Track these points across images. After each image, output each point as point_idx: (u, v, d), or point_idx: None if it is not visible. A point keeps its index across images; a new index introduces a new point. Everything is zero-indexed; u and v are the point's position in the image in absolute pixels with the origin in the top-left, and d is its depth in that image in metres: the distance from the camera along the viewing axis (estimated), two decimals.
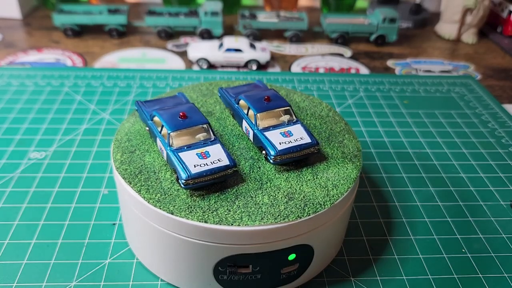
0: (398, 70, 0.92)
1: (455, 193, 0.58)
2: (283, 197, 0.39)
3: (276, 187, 0.40)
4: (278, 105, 0.44)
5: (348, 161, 0.44)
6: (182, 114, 0.42)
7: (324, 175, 0.42)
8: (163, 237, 0.40)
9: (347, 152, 0.45)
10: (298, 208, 0.38)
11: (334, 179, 0.42)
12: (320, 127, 0.48)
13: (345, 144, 0.46)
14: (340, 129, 0.48)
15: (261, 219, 0.37)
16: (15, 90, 0.75)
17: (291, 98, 0.52)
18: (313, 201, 0.39)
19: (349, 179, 0.42)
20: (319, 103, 0.52)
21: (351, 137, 0.47)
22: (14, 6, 1.06)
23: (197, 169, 0.38)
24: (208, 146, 0.41)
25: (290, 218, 0.38)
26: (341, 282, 0.45)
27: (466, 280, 0.46)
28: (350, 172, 0.42)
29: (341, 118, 0.50)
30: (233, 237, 0.37)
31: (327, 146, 0.45)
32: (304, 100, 0.52)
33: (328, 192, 0.40)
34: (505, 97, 0.83)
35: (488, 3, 1.02)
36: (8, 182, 0.55)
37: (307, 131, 0.43)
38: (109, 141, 0.63)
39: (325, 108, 0.52)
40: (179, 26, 1.00)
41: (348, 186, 0.41)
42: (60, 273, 0.45)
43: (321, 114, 0.50)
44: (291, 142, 0.41)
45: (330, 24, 1.00)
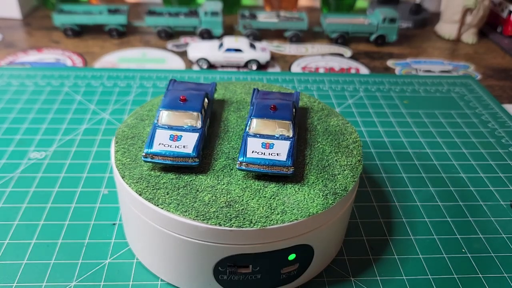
0: (398, 70, 0.92)
1: (455, 193, 0.58)
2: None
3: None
4: (278, 116, 0.43)
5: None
6: (182, 98, 0.44)
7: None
8: (163, 237, 0.40)
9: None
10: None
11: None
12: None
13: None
14: (342, 130, 0.48)
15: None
16: (15, 90, 0.75)
17: (325, 120, 0.49)
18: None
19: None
20: (348, 132, 0.48)
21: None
22: (14, 6, 1.06)
23: (159, 147, 0.40)
24: (187, 132, 0.42)
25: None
26: (341, 282, 0.45)
27: (466, 280, 0.46)
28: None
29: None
30: (233, 237, 0.37)
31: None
32: (339, 124, 0.49)
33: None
34: (505, 97, 0.83)
35: (488, 3, 1.02)
36: (8, 182, 0.55)
37: (290, 151, 0.41)
38: (109, 141, 0.63)
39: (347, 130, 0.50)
40: (179, 26, 1.00)
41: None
42: (60, 273, 0.45)
43: (335, 130, 0.49)
44: (264, 154, 0.40)
45: (330, 24, 1.00)
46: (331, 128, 0.48)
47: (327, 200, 0.39)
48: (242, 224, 0.37)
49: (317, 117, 0.50)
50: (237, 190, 0.40)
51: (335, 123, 0.49)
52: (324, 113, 0.51)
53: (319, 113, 0.51)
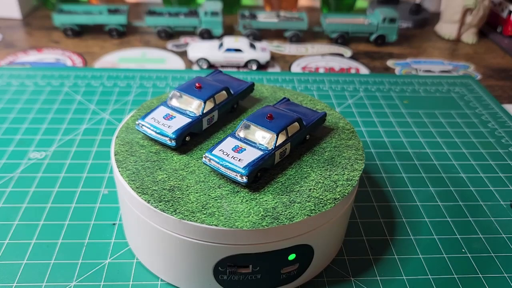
0: (398, 70, 0.92)
1: (455, 193, 0.58)
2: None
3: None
4: (268, 126, 0.42)
5: (347, 140, 0.44)
6: (198, 85, 0.46)
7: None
8: (163, 237, 0.40)
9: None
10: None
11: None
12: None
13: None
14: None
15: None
16: (15, 90, 0.75)
17: (339, 150, 0.46)
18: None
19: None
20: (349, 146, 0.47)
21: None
22: (14, 6, 1.06)
23: (149, 120, 0.44)
24: (181, 115, 0.45)
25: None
26: (341, 282, 0.45)
27: (466, 280, 0.46)
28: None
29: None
30: (233, 237, 0.38)
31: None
32: (350, 157, 0.45)
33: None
34: (505, 97, 0.83)
35: (488, 3, 1.02)
36: (8, 182, 0.55)
37: (254, 161, 0.40)
38: (109, 141, 0.63)
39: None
40: (179, 26, 1.00)
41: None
42: (60, 273, 0.45)
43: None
44: (227, 157, 0.40)
45: (330, 24, 1.00)
46: (337, 159, 0.44)
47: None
48: (243, 226, 0.37)
49: (333, 145, 0.46)
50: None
51: (347, 155, 0.45)
52: (344, 142, 0.46)
53: (339, 141, 0.47)
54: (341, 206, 0.41)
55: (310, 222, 0.39)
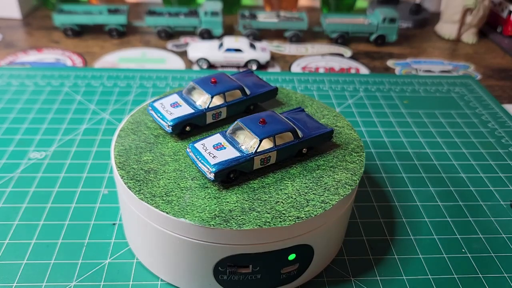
0: (398, 70, 0.92)
1: (455, 193, 0.58)
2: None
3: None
4: (256, 130, 0.42)
5: (350, 162, 0.44)
6: (213, 80, 0.48)
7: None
8: (163, 237, 0.40)
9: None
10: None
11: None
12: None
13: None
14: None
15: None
16: (15, 90, 0.75)
17: (330, 170, 0.43)
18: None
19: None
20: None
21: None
22: (14, 6, 1.06)
23: (157, 105, 0.47)
24: (187, 106, 0.47)
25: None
26: (341, 282, 0.45)
27: (466, 280, 0.46)
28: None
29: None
30: (233, 237, 0.37)
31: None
32: (341, 179, 0.43)
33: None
34: (505, 97, 0.83)
35: (488, 3, 1.02)
36: (8, 182, 0.55)
37: (227, 161, 0.40)
38: (109, 141, 0.63)
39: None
40: (179, 26, 1.00)
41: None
42: (60, 273, 0.45)
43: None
44: (205, 151, 0.41)
45: (330, 24, 1.00)
46: (325, 179, 0.42)
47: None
48: (242, 225, 0.37)
49: (330, 164, 0.44)
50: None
51: (339, 178, 0.42)
52: (344, 164, 0.44)
53: (340, 162, 0.44)
54: (341, 206, 0.41)
55: (310, 222, 0.39)
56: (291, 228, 0.38)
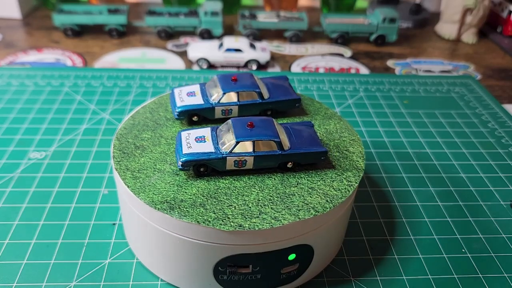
0: (398, 70, 0.92)
1: (455, 193, 0.58)
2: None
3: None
4: (237, 131, 0.41)
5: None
6: (234, 78, 0.49)
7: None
8: (163, 237, 0.40)
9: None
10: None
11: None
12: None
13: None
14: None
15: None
16: (15, 90, 0.75)
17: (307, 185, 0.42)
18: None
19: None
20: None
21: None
22: (14, 6, 1.06)
23: (176, 91, 0.50)
24: (200, 98, 0.48)
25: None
26: (341, 282, 0.45)
27: (466, 280, 0.46)
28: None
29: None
30: (233, 237, 0.37)
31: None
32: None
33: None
34: (505, 97, 0.83)
35: (488, 3, 1.02)
36: (8, 182, 0.55)
37: (196, 154, 0.40)
38: (109, 141, 0.63)
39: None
40: (179, 26, 1.00)
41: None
42: (60, 273, 0.45)
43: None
44: (185, 141, 0.42)
45: (330, 24, 1.00)
46: (292, 198, 0.40)
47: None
48: (240, 227, 0.37)
49: (311, 185, 0.41)
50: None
51: (309, 201, 0.40)
52: (326, 188, 0.41)
53: (323, 186, 0.41)
54: (341, 206, 0.41)
55: (310, 223, 0.39)
56: (291, 228, 0.38)
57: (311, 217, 0.38)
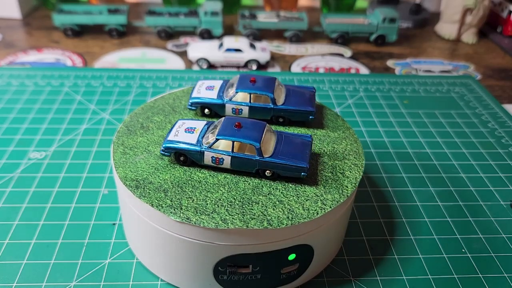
0: (398, 70, 0.92)
1: (455, 193, 0.58)
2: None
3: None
4: (221, 129, 0.42)
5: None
6: (252, 79, 0.49)
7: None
8: (163, 237, 0.40)
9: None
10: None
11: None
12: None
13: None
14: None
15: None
16: (15, 90, 0.75)
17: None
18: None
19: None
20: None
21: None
22: (14, 6, 1.06)
23: (198, 84, 0.52)
24: (216, 93, 0.50)
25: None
26: (341, 282, 0.45)
27: (466, 280, 0.46)
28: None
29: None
30: (233, 237, 0.37)
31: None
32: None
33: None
34: (505, 97, 0.83)
35: (488, 3, 1.02)
36: (8, 182, 0.55)
37: (179, 144, 0.41)
38: (109, 141, 0.63)
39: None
40: (179, 26, 1.00)
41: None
42: (60, 273, 0.45)
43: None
44: (177, 129, 0.44)
45: (330, 24, 1.00)
46: (255, 208, 0.39)
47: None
48: (246, 225, 0.37)
49: (282, 198, 0.40)
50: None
51: (272, 212, 0.38)
52: (300, 204, 0.40)
53: (297, 203, 0.40)
54: (341, 206, 0.41)
55: (310, 223, 0.39)
56: (291, 228, 0.38)
57: (261, 228, 0.37)
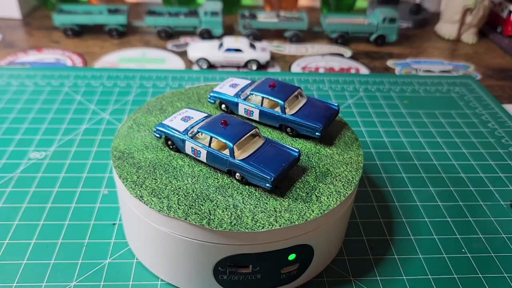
0: (398, 70, 0.92)
1: (455, 193, 0.58)
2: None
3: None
4: (207, 124, 0.42)
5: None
6: (271, 84, 0.49)
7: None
8: (163, 237, 0.40)
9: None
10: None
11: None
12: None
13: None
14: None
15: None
16: (15, 90, 0.75)
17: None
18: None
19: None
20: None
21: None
22: (14, 6, 1.06)
23: (228, 80, 0.53)
24: (236, 91, 0.50)
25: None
26: (341, 282, 0.45)
27: (466, 280, 0.46)
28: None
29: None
30: (233, 237, 0.37)
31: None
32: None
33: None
34: (505, 97, 0.83)
35: (488, 3, 1.02)
36: (8, 182, 0.55)
37: (169, 130, 0.44)
38: (109, 141, 0.63)
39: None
40: (179, 26, 1.00)
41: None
42: (60, 273, 0.45)
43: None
44: (176, 115, 0.46)
45: (330, 24, 1.00)
46: (202, 205, 0.39)
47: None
48: (240, 228, 0.37)
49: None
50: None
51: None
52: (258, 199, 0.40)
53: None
54: (341, 206, 0.41)
55: (310, 223, 0.39)
56: (291, 228, 0.38)
57: (197, 224, 0.37)
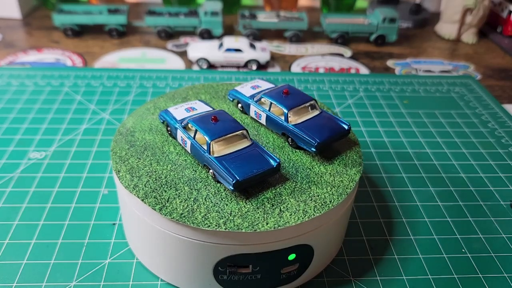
0: (398, 70, 0.92)
1: (455, 193, 0.58)
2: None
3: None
4: (198, 116, 0.44)
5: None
6: (285, 91, 0.49)
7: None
8: (163, 237, 0.40)
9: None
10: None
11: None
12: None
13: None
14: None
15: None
16: (15, 90, 0.75)
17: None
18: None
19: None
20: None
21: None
22: (14, 6, 1.06)
23: (252, 82, 0.53)
24: (254, 93, 0.51)
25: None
26: (341, 282, 0.45)
27: (466, 280, 0.46)
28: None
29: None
30: (233, 237, 0.37)
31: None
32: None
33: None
34: (505, 97, 0.83)
35: (488, 3, 1.02)
36: (8, 182, 0.55)
37: (170, 118, 0.46)
38: (109, 141, 0.63)
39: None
40: (179, 26, 1.00)
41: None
42: (60, 273, 0.45)
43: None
44: (183, 104, 0.48)
45: (330, 24, 1.00)
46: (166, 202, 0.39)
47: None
48: (241, 228, 0.37)
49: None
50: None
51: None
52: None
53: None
54: (341, 206, 0.41)
55: (310, 223, 0.39)
56: (291, 228, 0.38)
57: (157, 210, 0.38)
